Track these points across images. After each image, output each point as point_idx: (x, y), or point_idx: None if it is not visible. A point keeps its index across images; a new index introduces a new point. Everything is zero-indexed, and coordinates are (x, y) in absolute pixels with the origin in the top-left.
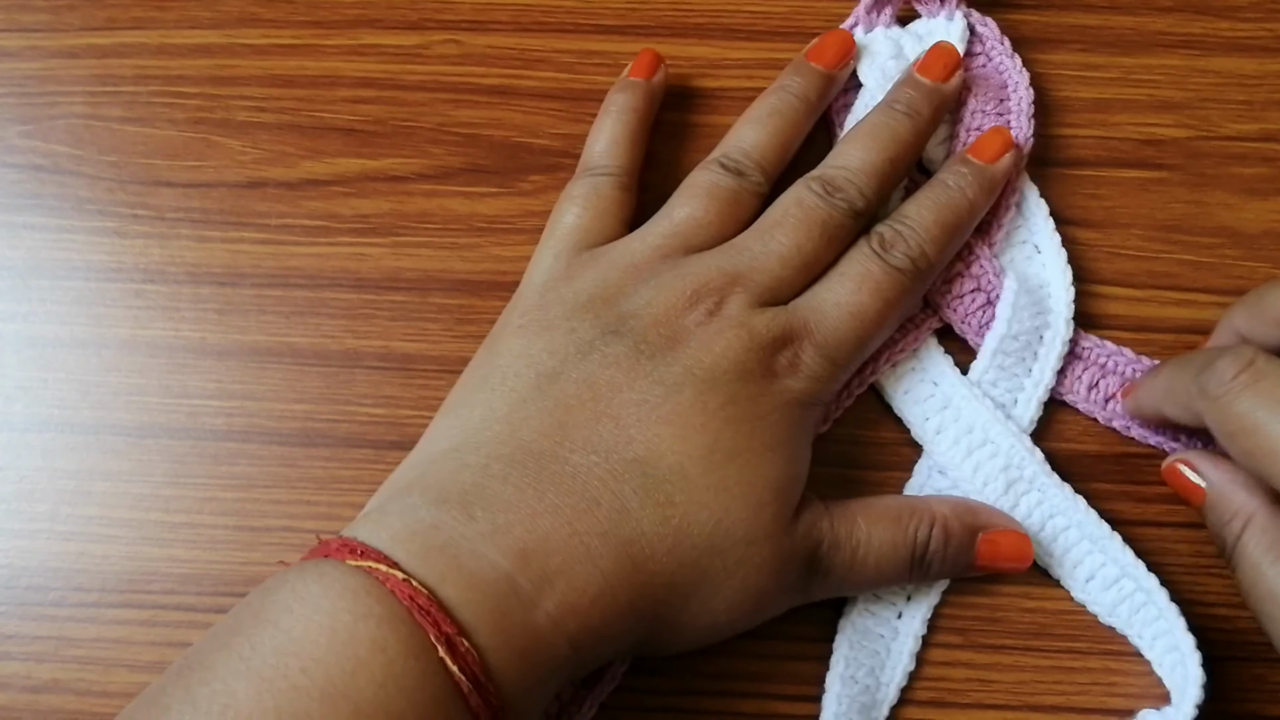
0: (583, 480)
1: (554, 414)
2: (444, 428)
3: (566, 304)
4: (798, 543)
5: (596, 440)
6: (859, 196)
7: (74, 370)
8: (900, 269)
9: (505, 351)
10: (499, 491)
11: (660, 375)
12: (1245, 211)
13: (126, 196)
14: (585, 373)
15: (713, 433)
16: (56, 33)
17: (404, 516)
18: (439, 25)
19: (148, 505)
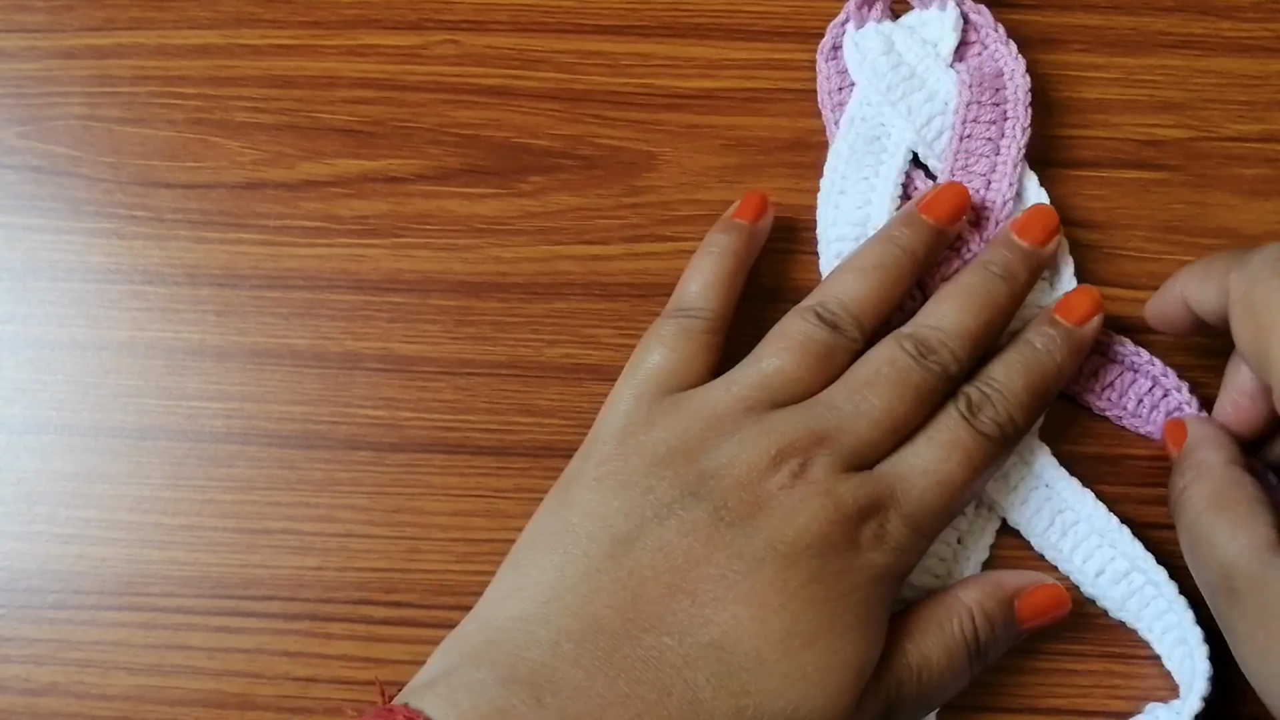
0: (655, 666)
1: (628, 586)
2: (513, 587)
3: (645, 456)
4: (870, 711)
5: (671, 620)
6: (953, 360)
7: (72, 372)
8: (988, 435)
9: (579, 507)
10: (569, 675)
11: (740, 548)
12: (1246, 212)
13: (125, 197)
14: (662, 541)
15: (792, 614)
16: (54, 33)
17: (471, 695)
18: (438, 26)
19: (147, 507)
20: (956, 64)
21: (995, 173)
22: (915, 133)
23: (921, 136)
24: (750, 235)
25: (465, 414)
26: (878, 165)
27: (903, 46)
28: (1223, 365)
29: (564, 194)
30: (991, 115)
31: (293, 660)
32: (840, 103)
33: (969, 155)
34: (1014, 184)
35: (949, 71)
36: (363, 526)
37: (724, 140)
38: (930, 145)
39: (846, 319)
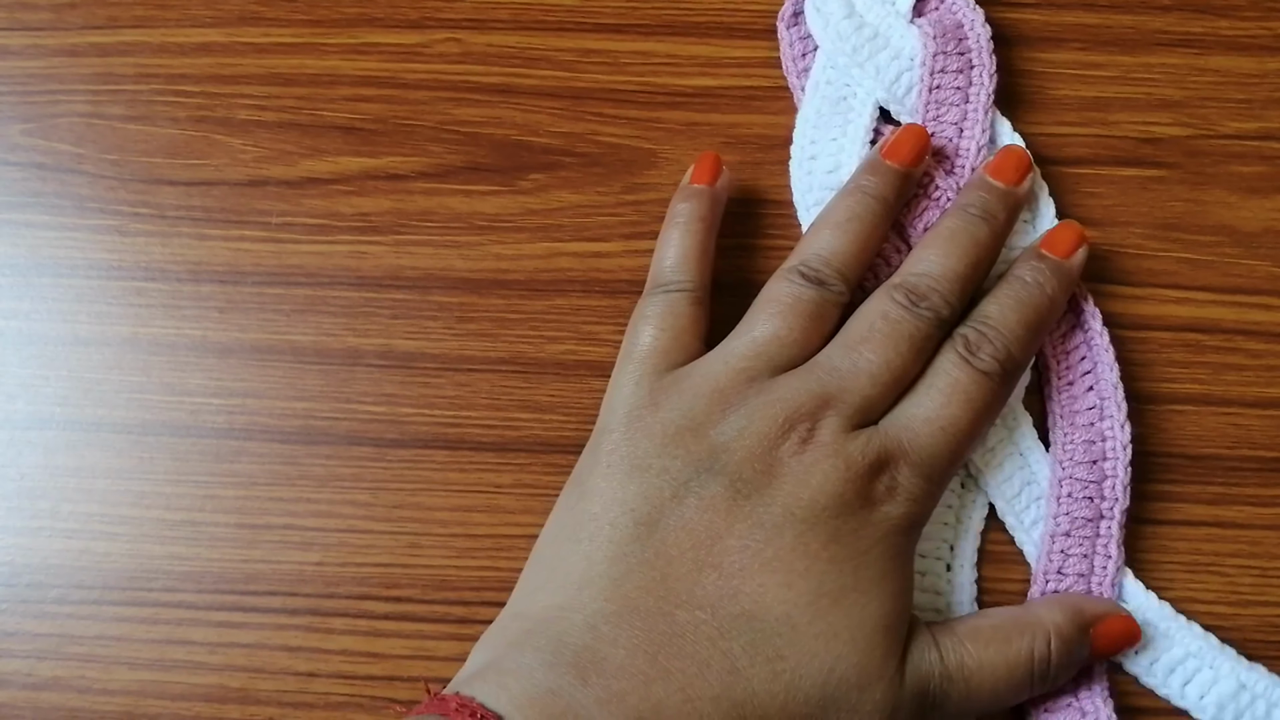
0: (691, 640)
1: (655, 566)
2: (543, 580)
3: (655, 438)
4: (910, 681)
5: (701, 594)
6: (944, 304)
7: (75, 368)
8: (988, 373)
9: (596, 496)
10: (610, 655)
11: (759, 517)
12: (1244, 210)
13: (128, 195)
14: (683, 519)
15: (817, 576)
16: (58, 31)
17: (520, 680)
18: (439, 24)
19: (149, 503)
20: (917, 19)
21: (967, 120)
22: (885, 90)
23: (892, 93)
24: (712, 198)
25: (466, 410)
26: (845, 125)
27: (863, 7)
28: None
29: (564, 191)
30: (958, 64)
31: (294, 655)
32: (805, 68)
33: (939, 105)
34: (986, 129)
35: (911, 27)
36: (364, 522)
37: (723, 138)
38: (901, 101)
39: (830, 273)
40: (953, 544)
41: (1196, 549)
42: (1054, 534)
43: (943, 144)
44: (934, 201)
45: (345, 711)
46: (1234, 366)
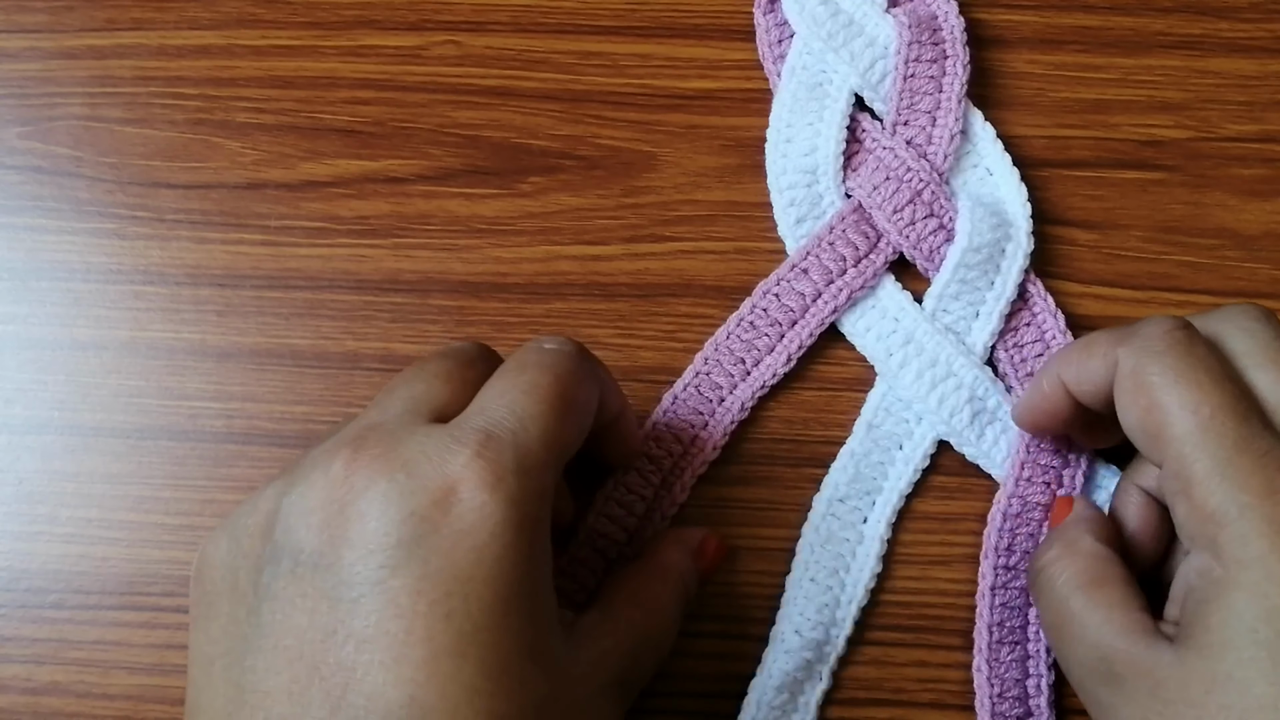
0: None
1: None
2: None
3: None
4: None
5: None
6: None
7: (74, 372)
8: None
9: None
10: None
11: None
12: (1245, 213)
13: (126, 198)
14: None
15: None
16: (56, 34)
17: None
18: (438, 26)
19: (147, 507)
20: (892, 9)
21: (940, 109)
22: (860, 77)
23: (866, 80)
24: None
25: None
26: (821, 110)
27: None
28: None
29: (564, 194)
30: (932, 54)
31: None
32: (781, 55)
33: (913, 94)
34: (959, 119)
35: (886, 17)
36: None
37: (723, 140)
38: (875, 89)
39: None
40: (874, 499)
41: None
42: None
43: (916, 132)
44: (906, 184)
45: None
46: None
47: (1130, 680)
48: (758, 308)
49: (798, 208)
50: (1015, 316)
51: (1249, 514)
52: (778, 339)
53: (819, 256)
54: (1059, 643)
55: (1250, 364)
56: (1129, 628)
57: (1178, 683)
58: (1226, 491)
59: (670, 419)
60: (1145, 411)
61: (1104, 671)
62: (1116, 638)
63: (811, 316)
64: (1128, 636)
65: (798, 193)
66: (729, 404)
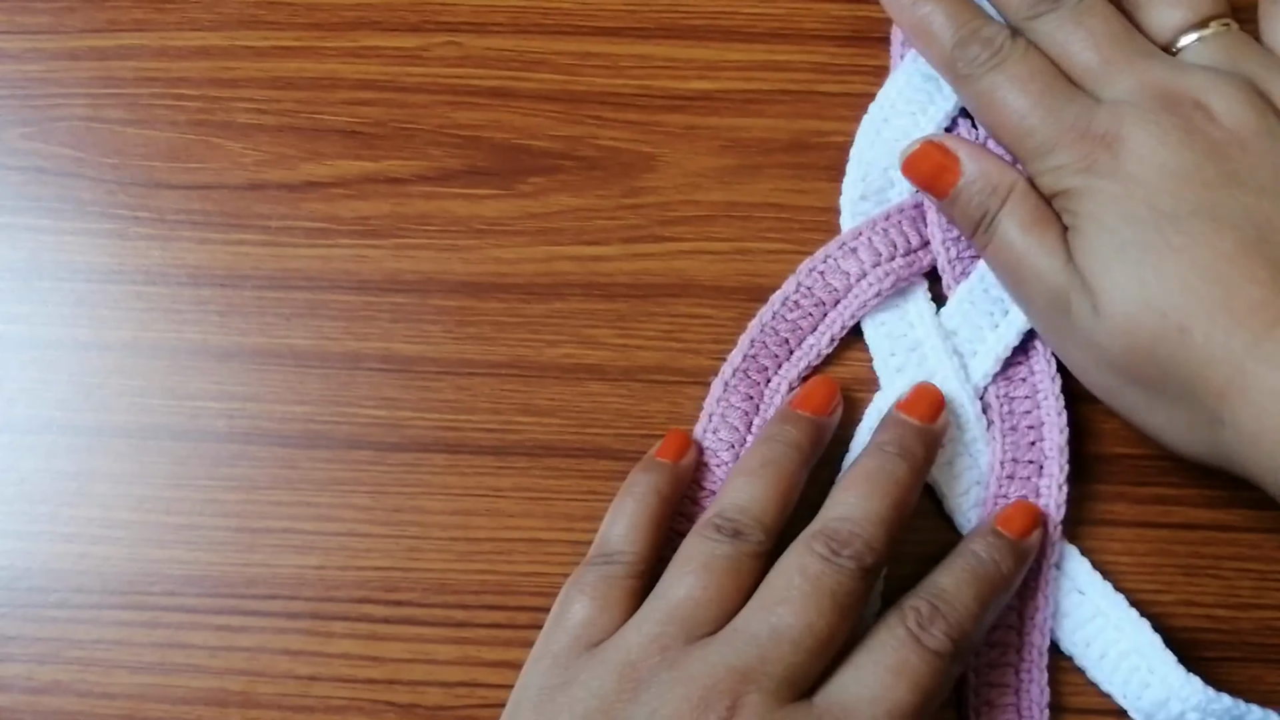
0: None
1: None
2: None
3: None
4: None
5: None
6: (867, 551)
7: (75, 372)
8: (939, 652)
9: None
10: None
11: None
12: None
13: (128, 198)
14: None
15: None
16: (57, 35)
17: None
18: (438, 27)
19: (149, 507)
20: None
21: None
22: None
23: None
24: (673, 474)
25: (466, 414)
26: (928, 103)
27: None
28: None
29: (564, 195)
30: None
31: (294, 659)
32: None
33: None
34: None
35: None
36: (364, 525)
37: (723, 141)
38: None
39: (747, 522)
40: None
41: (1195, 552)
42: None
43: (1003, 151)
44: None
45: (346, 715)
46: None
47: (1074, 300)
48: (803, 285)
49: (866, 184)
50: (1013, 369)
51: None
52: (820, 318)
53: (870, 238)
54: (1012, 280)
55: None
56: (1066, 262)
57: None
58: None
59: (725, 407)
60: (994, 127)
61: (1057, 301)
62: (1060, 273)
63: (854, 297)
64: (1066, 270)
65: (874, 172)
66: (774, 385)
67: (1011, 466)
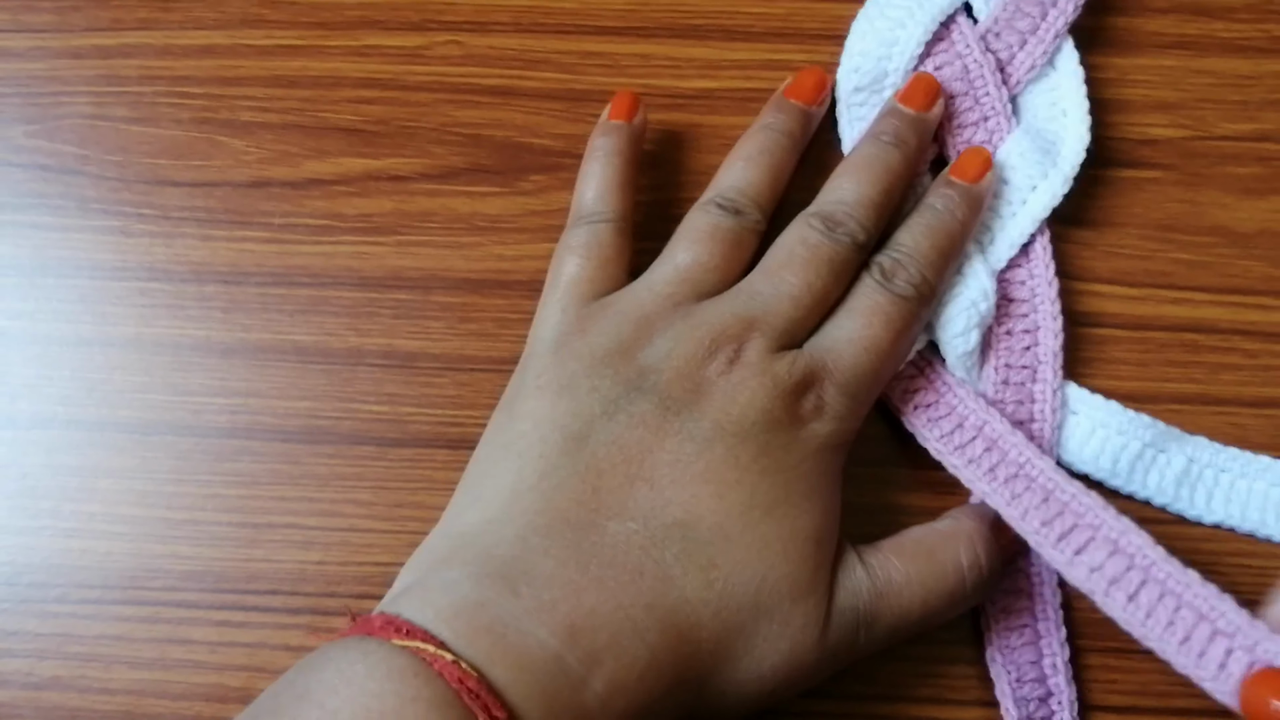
0: (624, 549)
1: (586, 479)
2: (471, 498)
3: (583, 360)
4: (841, 596)
5: (633, 505)
6: (860, 229)
7: (78, 368)
8: (905, 297)
9: (527, 415)
10: (540, 565)
11: (690, 431)
12: (1240, 211)
13: (131, 196)
14: (613, 434)
15: (749, 487)
16: (62, 33)
17: (447, 592)
18: (441, 26)
19: (151, 502)
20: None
21: (1034, 34)
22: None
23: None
24: (630, 134)
25: (467, 409)
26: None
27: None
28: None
29: (565, 192)
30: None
31: (295, 654)
32: None
33: (1016, 11)
34: (1048, 51)
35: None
36: (365, 521)
37: (723, 140)
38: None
39: (745, 202)
40: None
41: (1195, 548)
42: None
43: (1002, 47)
44: (972, 92)
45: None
46: (1231, 366)
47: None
48: None
49: (860, 75)
50: (1013, 270)
51: None
52: None
53: None
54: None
55: None
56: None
57: None
58: None
59: None
60: None
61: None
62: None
63: None
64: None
65: (868, 63)
66: None
67: (1005, 372)
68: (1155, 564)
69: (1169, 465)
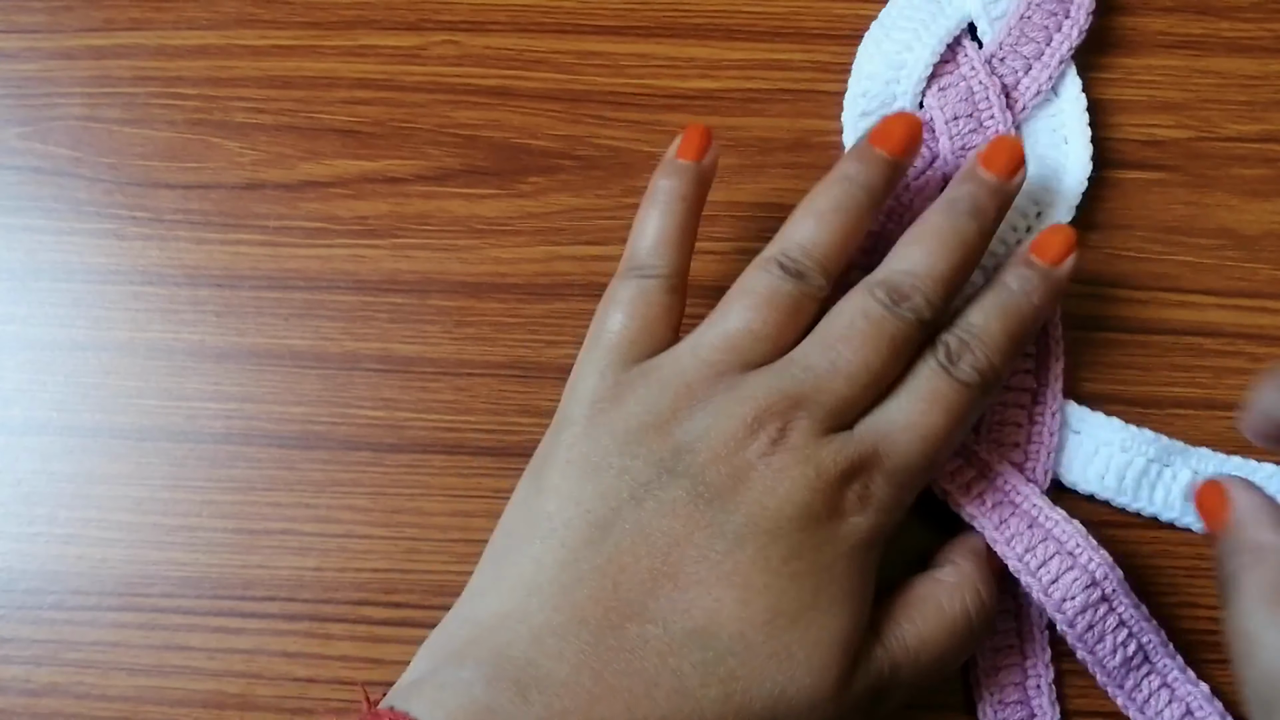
0: (640, 656)
1: (608, 573)
2: (492, 580)
3: (616, 434)
4: (860, 683)
5: (654, 607)
6: (926, 306)
7: (72, 373)
8: (968, 383)
9: (553, 493)
10: (554, 670)
11: (721, 525)
12: (1246, 213)
13: (125, 198)
14: (640, 523)
15: (776, 593)
16: (54, 34)
17: (457, 695)
18: (437, 26)
19: (146, 508)
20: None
21: (1039, 60)
22: (980, 3)
23: (985, 5)
24: (698, 176)
25: (465, 414)
26: (932, 18)
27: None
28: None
29: (563, 194)
30: (1054, 7)
31: (292, 661)
32: None
33: (1021, 35)
34: (1053, 77)
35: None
36: (362, 527)
37: (723, 141)
38: (990, 16)
39: (810, 265)
40: None
41: (1198, 553)
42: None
43: (1007, 72)
44: (978, 115)
45: (344, 717)
46: (1235, 370)
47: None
48: None
49: (868, 100)
50: None
51: None
52: None
53: None
54: (1237, 665)
55: None
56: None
57: None
58: None
59: None
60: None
61: (1272, 700)
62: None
63: None
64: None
65: (875, 86)
66: None
67: (1004, 394)
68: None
69: (1174, 479)
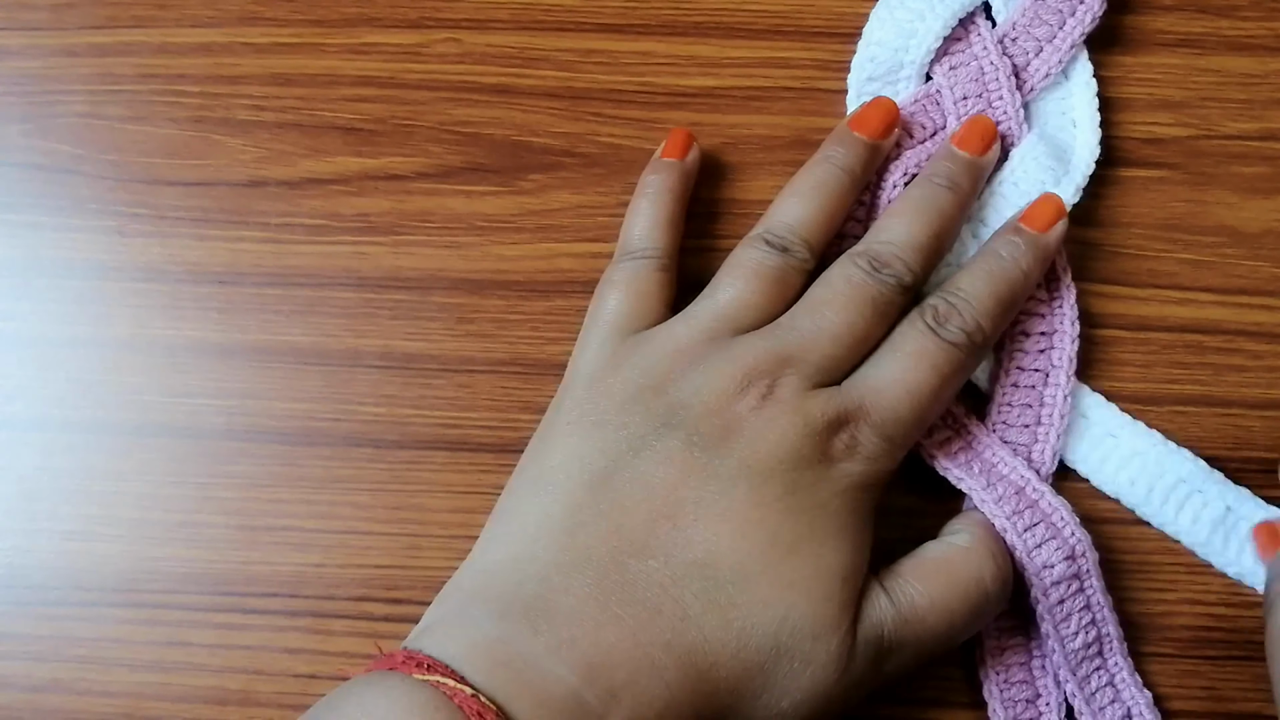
0: (643, 588)
1: (610, 517)
2: (500, 534)
3: (615, 397)
4: (864, 627)
5: (654, 544)
6: (906, 271)
7: (74, 369)
8: (955, 343)
9: (557, 451)
10: (561, 602)
11: (715, 469)
12: (1246, 210)
13: (127, 195)
14: (639, 471)
15: (771, 526)
16: (57, 31)
17: (469, 629)
18: (439, 24)
19: (148, 504)
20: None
21: (1050, 42)
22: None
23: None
24: (682, 172)
25: (466, 411)
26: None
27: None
28: None
29: (565, 192)
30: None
31: (294, 657)
32: None
33: (1035, 17)
34: (1063, 60)
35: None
36: (364, 524)
37: (724, 138)
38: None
39: (795, 240)
40: None
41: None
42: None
43: (1018, 52)
44: (987, 95)
45: None
46: (1236, 368)
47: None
48: None
49: (875, 65)
50: None
51: None
52: None
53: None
54: (1269, 659)
55: None
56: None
57: None
58: None
59: None
60: None
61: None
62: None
63: (885, 180)
64: None
65: (884, 53)
66: None
67: (1016, 374)
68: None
69: (1205, 508)
